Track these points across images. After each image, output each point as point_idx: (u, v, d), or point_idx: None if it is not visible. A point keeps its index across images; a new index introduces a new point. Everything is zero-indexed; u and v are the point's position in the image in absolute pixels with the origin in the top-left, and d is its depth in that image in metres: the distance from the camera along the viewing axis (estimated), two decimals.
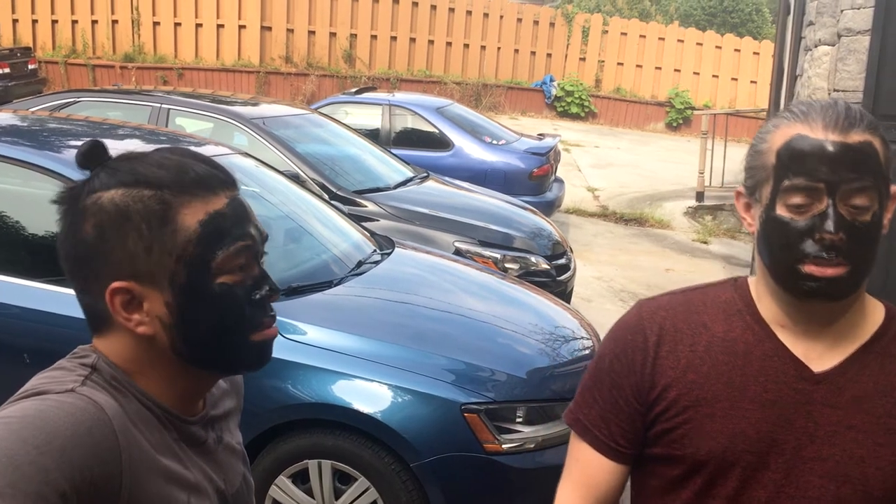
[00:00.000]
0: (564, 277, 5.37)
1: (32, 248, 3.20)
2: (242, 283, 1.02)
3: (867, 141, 1.11)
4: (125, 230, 0.98)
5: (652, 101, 17.35)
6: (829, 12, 3.72)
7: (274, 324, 1.07)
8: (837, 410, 1.17)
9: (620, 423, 1.27)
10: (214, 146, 4.09)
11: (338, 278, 3.45)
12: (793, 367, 1.19)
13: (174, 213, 0.99)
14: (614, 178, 11.85)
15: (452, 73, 16.92)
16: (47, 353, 1.05)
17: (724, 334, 1.23)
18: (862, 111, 1.15)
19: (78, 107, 5.73)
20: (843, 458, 1.16)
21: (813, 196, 1.11)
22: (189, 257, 0.99)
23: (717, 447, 1.19)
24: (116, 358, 1.02)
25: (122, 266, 0.99)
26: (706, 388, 1.21)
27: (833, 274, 1.11)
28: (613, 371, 1.28)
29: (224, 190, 1.03)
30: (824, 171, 1.10)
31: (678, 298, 1.30)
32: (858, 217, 1.11)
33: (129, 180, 0.99)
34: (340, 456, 2.83)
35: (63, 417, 0.88)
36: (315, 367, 2.85)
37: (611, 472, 1.29)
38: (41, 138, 3.60)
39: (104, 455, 0.89)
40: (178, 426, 1.05)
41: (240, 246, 1.01)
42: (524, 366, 3.11)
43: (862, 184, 1.10)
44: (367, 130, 7.64)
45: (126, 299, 0.99)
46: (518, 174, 7.75)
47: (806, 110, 1.14)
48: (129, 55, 15.78)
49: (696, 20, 22.58)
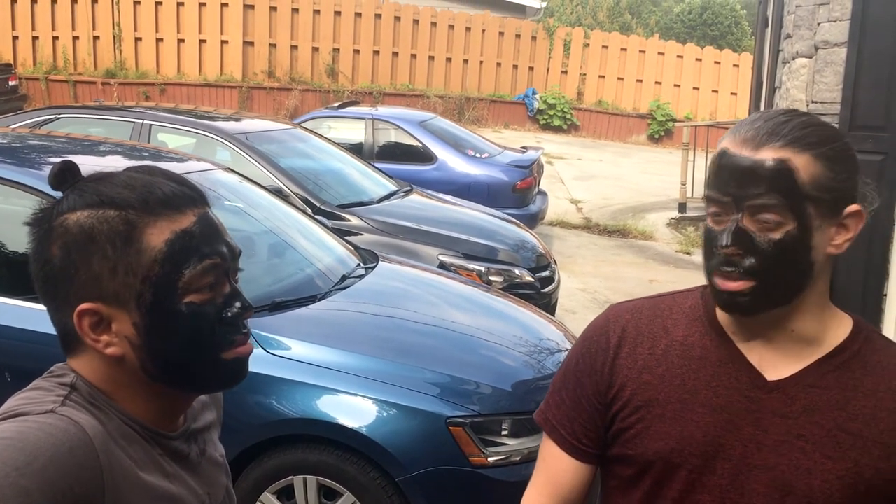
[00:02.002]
0: (549, 289, 5.38)
1: (12, 265, 3.18)
2: (212, 302, 1.01)
3: (780, 158, 1.10)
4: (90, 251, 0.98)
5: (634, 113, 17.47)
6: (806, 25, 3.77)
7: (248, 341, 1.06)
8: (787, 420, 1.16)
9: (583, 422, 1.29)
10: (197, 161, 4.07)
11: (322, 293, 3.44)
12: (746, 374, 1.19)
13: (139, 234, 0.98)
14: (597, 190, 11.91)
15: (435, 87, 16.97)
16: (28, 372, 1.05)
17: (683, 339, 1.24)
18: (797, 127, 1.13)
19: (59, 123, 5.70)
20: (789, 468, 1.15)
21: (726, 208, 1.13)
22: (155, 277, 0.98)
23: (665, 448, 1.20)
24: (91, 377, 1.01)
25: (88, 287, 0.98)
26: (659, 390, 1.22)
27: (735, 288, 1.13)
28: (578, 370, 1.31)
29: (192, 208, 1.02)
30: (732, 185, 1.12)
31: (646, 303, 1.32)
32: (768, 233, 1.11)
33: (94, 201, 0.99)
34: (325, 471, 2.81)
35: (43, 438, 0.87)
36: (299, 383, 2.84)
37: (575, 471, 1.30)
38: (21, 155, 3.58)
39: (85, 475, 0.89)
40: (161, 442, 1.04)
41: (207, 264, 1.00)
42: (509, 378, 3.11)
43: (766, 200, 1.10)
44: (350, 144, 7.65)
45: (94, 321, 0.99)
46: (501, 187, 7.78)
47: (740, 124, 1.16)
48: (111, 71, 15.73)
49: (677, 33, 22.81)
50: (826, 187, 1.11)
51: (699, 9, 24.86)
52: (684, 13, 25.05)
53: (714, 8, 24.74)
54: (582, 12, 25.50)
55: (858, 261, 3.58)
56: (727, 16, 24.47)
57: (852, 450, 1.14)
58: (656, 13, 27.16)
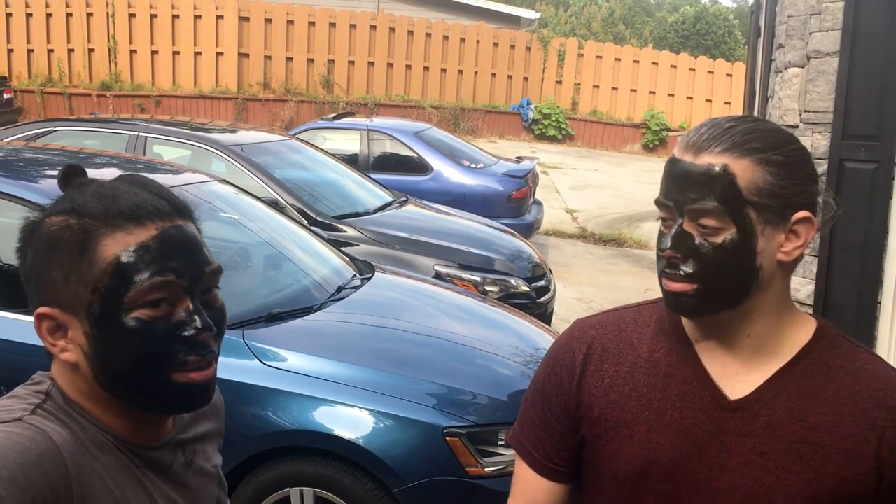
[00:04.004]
0: (544, 299, 5.39)
1: (6, 278, 3.17)
2: (164, 319, 0.98)
3: (718, 164, 1.10)
4: (52, 257, 0.99)
5: (628, 122, 17.54)
6: (798, 35, 3.79)
7: (208, 365, 1.01)
8: (750, 439, 1.15)
9: (554, 442, 1.27)
10: (192, 173, 4.08)
11: (318, 304, 3.44)
12: (710, 394, 1.17)
13: (94, 244, 0.98)
14: (593, 200, 11.93)
15: (430, 98, 17.02)
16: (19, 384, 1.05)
17: (649, 355, 1.23)
18: (740, 133, 1.12)
19: (54, 136, 5.71)
20: (752, 488, 1.13)
21: (671, 213, 1.15)
22: (103, 289, 0.97)
23: (633, 471, 1.19)
24: (63, 384, 1.02)
25: (48, 292, 0.99)
26: (626, 410, 1.21)
27: (677, 289, 1.15)
28: (545, 390, 1.29)
29: (156, 221, 1.00)
30: (674, 191, 1.14)
31: (611, 317, 1.31)
32: (708, 238, 1.12)
33: (66, 208, 1.00)
34: (322, 483, 2.80)
35: (10, 447, 0.88)
36: (295, 394, 2.83)
37: (548, 492, 1.29)
38: (16, 168, 3.58)
39: (55, 482, 0.89)
40: (138, 452, 1.03)
41: (157, 281, 0.97)
42: (505, 388, 3.11)
43: (703, 205, 1.11)
44: (345, 156, 7.66)
45: (52, 325, 1.00)
46: (497, 197, 7.79)
47: (689, 131, 1.17)
48: (106, 83, 15.75)
49: (670, 43, 22.91)
50: (769, 193, 1.11)
51: (693, 19, 25.00)
52: (678, 23, 25.18)
53: (707, 18, 24.88)
54: (576, 23, 25.63)
55: (853, 269, 3.59)
56: (720, 26, 24.60)
57: (814, 460, 1.12)
58: (650, 23, 27.30)
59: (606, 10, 28.44)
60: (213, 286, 1.04)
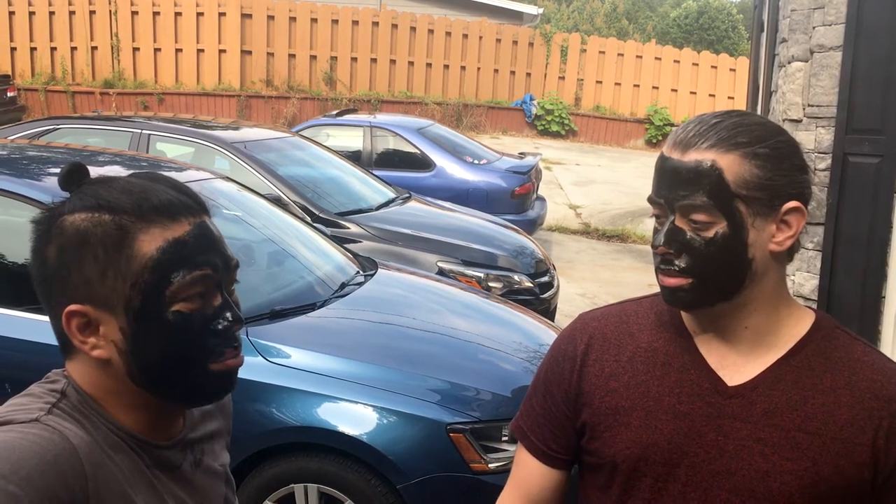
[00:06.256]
0: (548, 295, 5.39)
1: (12, 276, 3.18)
2: (201, 312, 1.01)
3: (706, 160, 1.13)
4: (83, 254, 0.98)
5: (631, 118, 17.51)
6: (801, 29, 3.78)
7: (238, 354, 1.05)
8: (748, 424, 1.17)
9: (553, 428, 1.31)
10: (196, 171, 4.08)
11: (321, 300, 3.44)
12: (707, 380, 1.20)
13: (131, 239, 0.98)
14: (596, 196, 11.92)
15: (433, 94, 17.01)
16: (28, 383, 1.05)
17: (648, 345, 1.26)
18: (726, 127, 1.14)
19: (58, 134, 5.72)
20: (749, 473, 1.16)
21: (663, 210, 1.17)
22: (143, 284, 0.98)
23: (631, 456, 1.21)
24: (83, 382, 1.02)
25: (79, 289, 0.99)
26: (625, 397, 1.23)
27: (673, 284, 1.17)
28: (547, 380, 1.33)
29: (188, 217, 1.02)
30: (664, 188, 1.16)
31: (614, 309, 1.34)
32: (700, 232, 1.14)
33: (92, 204, 0.99)
34: (326, 479, 2.81)
35: (28, 447, 0.88)
36: (299, 391, 2.84)
37: (545, 477, 1.32)
38: (20, 166, 3.58)
39: (71, 484, 0.89)
40: (149, 452, 1.04)
41: (197, 275, 1.00)
42: (509, 384, 3.12)
43: (693, 201, 1.13)
44: (348, 152, 7.66)
45: (82, 322, 1.00)
46: (500, 193, 7.79)
47: (678, 128, 1.19)
48: (109, 81, 15.76)
49: (673, 38, 22.87)
50: (757, 185, 1.13)
51: (696, 13, 24.94)
52: (681, 18, 25.13)
53: (710, 13, 24.82)
54: (579, 18, 25.59)
55: (857, 263, 3.59)
56: (724, 20, 24.55)
57: (810, 449, 1.14)
58: (653, 18, 27.25)
59: (609, 5, 28.40)
60: (234, 280, 1.07)
